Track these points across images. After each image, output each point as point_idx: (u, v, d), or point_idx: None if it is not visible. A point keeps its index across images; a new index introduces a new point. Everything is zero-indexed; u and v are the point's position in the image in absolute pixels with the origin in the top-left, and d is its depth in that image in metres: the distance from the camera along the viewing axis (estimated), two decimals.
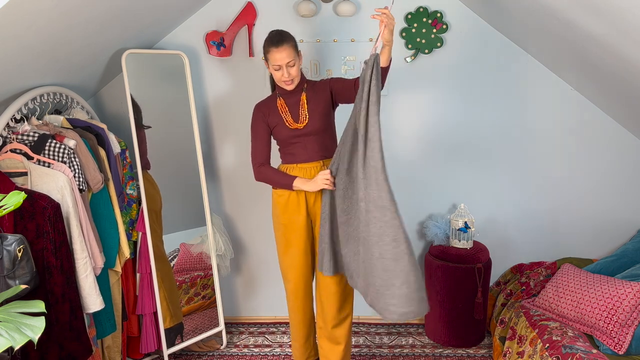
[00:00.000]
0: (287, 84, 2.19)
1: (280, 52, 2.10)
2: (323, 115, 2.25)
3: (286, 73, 2.14)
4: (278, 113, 2.25)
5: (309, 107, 2.23)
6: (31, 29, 1.81)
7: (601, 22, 1.94)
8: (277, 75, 2.17)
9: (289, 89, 2.21)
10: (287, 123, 2.23)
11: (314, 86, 2.27)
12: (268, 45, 2.13)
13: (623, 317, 2.23)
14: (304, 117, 2.22)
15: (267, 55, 2.15)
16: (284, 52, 2.10)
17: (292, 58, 2.12)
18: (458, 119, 2.94)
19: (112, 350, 2.49)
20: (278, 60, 2.11)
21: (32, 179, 2.03)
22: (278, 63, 2.12)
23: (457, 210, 2.89)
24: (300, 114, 2.23)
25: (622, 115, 2.80)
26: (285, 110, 2.24)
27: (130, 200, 2.61)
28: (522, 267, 3.04)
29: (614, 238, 3.03)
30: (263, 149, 2.29)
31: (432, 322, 2.91)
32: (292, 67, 2.15)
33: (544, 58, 2.79)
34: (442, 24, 2.79)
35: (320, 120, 2.24)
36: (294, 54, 2.14)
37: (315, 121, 2.23)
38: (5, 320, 1.25)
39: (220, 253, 2.92)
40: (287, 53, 2.11)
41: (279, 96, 2.27)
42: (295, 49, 2.15)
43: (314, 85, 2.28)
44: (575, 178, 2.99)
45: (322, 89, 2.27)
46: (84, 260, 2.10)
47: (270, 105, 2.28)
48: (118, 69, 2.73)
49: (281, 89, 2.25)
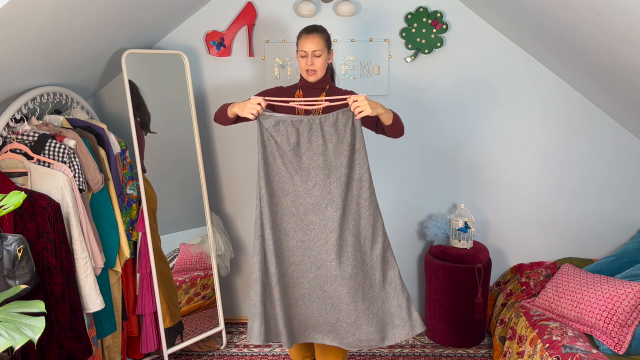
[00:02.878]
0: (309, 73, 2.16)
1: (309, 38, 2.11)
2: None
3: (310, 61, 2.13)
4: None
5: (324, 109, 2.22)
6: (31, 28, 1.81)
7: (601, 22, 1.94)
8: (301, 63, 2.16)
9: (311, 80, 2.18)
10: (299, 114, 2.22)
11: (337, 90, 2.23)
12: (301, 32, 2.15)
13: (623, 317, 2.23)
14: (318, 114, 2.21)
15: (298, 41, 2.16)
16: (314, 39, 2.11)
17: (319, 48, 2.12)
18: (458, 118, 2.94)
19: (112, 350, 2.49)
20: (305, 46, 2.11)
21: (32, 179, 2.03)
22: (305, 49, 2.12)
23: (457, 210, 2.89)
24: (314, 112, 2.21)
25: (622, 115, 2.80)
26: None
27: (130, 200, 2.61)
28: (522, 267, 3.04)
29: (614, 238, 3.03)
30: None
31: (432, 322, 2.91)
32: (318, 58, 2.13)
33: (544, 58, 2.79)
34: (442, 24, 2.79)
35: None
36: (323, 45, 2.13)
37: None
38: (5, 320, 1.25)
39: (220, 253, 2.92)
40: (317, 41, 2.11)
41: (300, 88, 2.25)
42: (326, 42, 2.15)
43: (337, 90, 2.23)
44: (575, 178, 2.99)
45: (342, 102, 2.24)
46: (84, 261, 2.10)
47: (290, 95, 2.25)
48: (118, 69, 2.73)
49: (303, 81, 2.21)
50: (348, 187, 2.08)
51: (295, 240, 2.12)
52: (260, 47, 2.88)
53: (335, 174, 2.07)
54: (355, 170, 2.08)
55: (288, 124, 2.05)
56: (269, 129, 2.05)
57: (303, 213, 2.10)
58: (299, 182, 2.09)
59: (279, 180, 2.11)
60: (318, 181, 2.07)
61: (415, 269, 3.17)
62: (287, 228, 2.12)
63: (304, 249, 2.11)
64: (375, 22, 2.83)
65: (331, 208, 2.07)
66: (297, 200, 2.10)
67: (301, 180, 2.09)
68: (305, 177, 2.08)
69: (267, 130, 2.06)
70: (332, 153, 2.06)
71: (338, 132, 2.06)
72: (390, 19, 2.83)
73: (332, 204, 2.07)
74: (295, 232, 2.12)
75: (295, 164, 2.08)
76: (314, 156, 2.07)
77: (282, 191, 2.10)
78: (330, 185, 2.07)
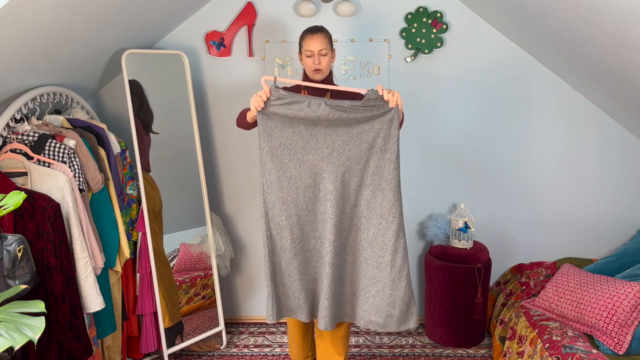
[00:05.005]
0: (316, 72, 2.18)
1: (315, 38, 2.14)
2: None
3: (317, 60, 2.15)
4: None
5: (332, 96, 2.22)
6: (31, 29, 1.81)
7: (601, 22, 1.94)
8: (308, 63, 2.17)
9: (317, 79, 2.19)
10: None
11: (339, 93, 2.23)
12: (304, 33, 2.18)
13: (623, 317, 2.23)
14: None
15: (302, 42, 2.17)
16: (319, 39, 2.14)
17: (325, 47, 2.15)
18: (458, 118, 2.94)
19: (112, 350, 2.49)
20: (311, 46, 2.14)
21: (32, 179, 2.03)
22: (311, 48, 2.14)
23: (457, 210, 2.89)
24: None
25: (622, 115, 2.80)
26: None
27: (130, 200, 2.61)
28: (522, 267, 3.04)
29: (614, 238, 3.03)
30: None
31: (432, 322, 2.91)
32: (324, 57, 2.16)
33: (544, 58, 2.79)
34: (442, 24, 2.79)
35: None
36: (328, 44, 2.17)
37: None
38: (5, 320, 1.25)
39: (220, 253, 2.92)
40: (322, 41, 2.14)
41: (304, 88, 2.26)
42: (330, 42, 2.18)
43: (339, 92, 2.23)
44: (575, 178, 2.99)
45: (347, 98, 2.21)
46: (84, 260, 2.10)
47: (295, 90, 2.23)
48: (118, 69, 2.73)
49: (307, 80, 2.23)
50: (370, 153, 1.99)
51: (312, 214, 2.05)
52: (260, 47, 2.88)
53: (355, 140, 1.97)
54: (380, 139, 1.96)
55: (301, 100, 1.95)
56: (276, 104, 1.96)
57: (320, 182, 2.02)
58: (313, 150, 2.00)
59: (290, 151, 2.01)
60: (336, 147, 1.98)
61: (415, 269, 3.17)
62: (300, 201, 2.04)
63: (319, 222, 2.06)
64: (375, 22, 2.83)
65: (348, 176, 2.00)
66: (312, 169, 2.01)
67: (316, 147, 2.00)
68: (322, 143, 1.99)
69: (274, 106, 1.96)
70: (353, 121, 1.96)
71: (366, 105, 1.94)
72: (390, 19, 2.83)
73: (349, 171, 1.99)
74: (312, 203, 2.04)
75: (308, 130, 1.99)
76: (333, 122, 1.96)
77: (296, 162, 2.01)
78: (350, 152, 1.98)
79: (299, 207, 2.06)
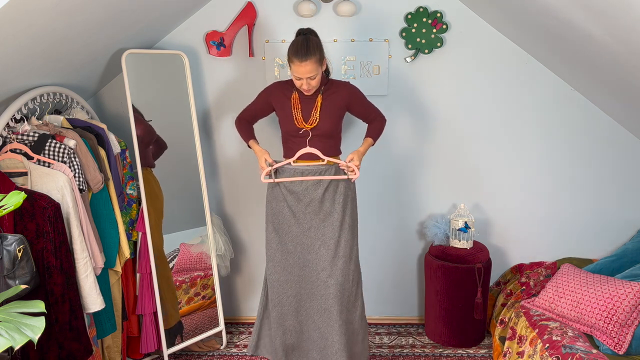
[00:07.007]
0: (305, 91, 2.22)
1: (303, 66, 2.09)
2: (333, 120, 2.27)
3: (306, 84, 2.15)
4: (289, 107, 2.26)
5: (322, 111, 2.24)
6: (31, 28, 1.81)
7: (601, 22, 1.94)
8: (297, 83, 2.19)
9: (308, 94, 2.24)
10: (296, 121, 2.24)
11: (332, 87, 2.26)
12: (292, 56, 2.11)
13: (623, 317, 2.23)
14: (315, 119, 2.24)
15: (290, 64, 2.14)
16: (307, 67, 2.09)
17: (314, 73, 2.11)
18: (458, 118, 2.94)
19: (112, 350, 2.49)
20: (299, 74, 2.12)
21: (32, 179, 2.03)
22: (299, 75, 2.13)
23: (457, 210, 2.89)
24: (312, 114, 2.24)
25: (622, 115, 2.80)
26: (297, 107, 2.25)
27: (130, 200, 2.61)
28: (522, 267, 3.04)
29: (614, 238, 3.03)
30: (254, 112, 2.45)
31: (432, 322, 2.91)
32: (313, 80, 2.15)
33: (544, 58, 2.79)
34: (442, 24, 2.79)
35: (330, 125, 2.26)
36: (317, 67, 2.12)
37: (324, 124, 2.24)
38: (5, 320, 1.25)
39: (220, 253, 2.92)
40: (310, 68, 2.09)
41: (296, 90, 2.27)
42: (318, 62, 2.13)
43: (332, 86, 2.27)
44: (575, 178, 2.99)
45: (340, 97, 2.28)
46: (84, 260, 2.10)
47: (286, 94, 2.29)
48: (118, 69, 2.73)
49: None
50: (340, 231, 2.30)
51: (293, 275, 2.34)
52: (260, 47, 2.88)
53: (329, 219, 2.30)
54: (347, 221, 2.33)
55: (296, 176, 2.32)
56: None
57: (300, 252, 2.33)
58: (297, 224, 2.32)
59: (282, 219, 2.35)
60: (313, 224, 2.30)
61: (415, 269, 3.17)
62: (286, 263, 2.34)
63: (299, 283, 2.35)
64: (375, 22, 2.83)
65: (324, 249, 2.29)
66: (295, 240, 2.33)
67: (298, 222, 2.32)
68: (302, 219, 2.31)
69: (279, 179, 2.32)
70: (328, 202, 2.29)
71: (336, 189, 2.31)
72: (390, 19, 2.83)
73: (324, 245, 2.29)
74: (293, 267, 2.34)
75: (296, 207, 2.30)
76: (312, 202, 2.29)
77: (283, 230, 2.34)
78: (324, 229, 2.29)
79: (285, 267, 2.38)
